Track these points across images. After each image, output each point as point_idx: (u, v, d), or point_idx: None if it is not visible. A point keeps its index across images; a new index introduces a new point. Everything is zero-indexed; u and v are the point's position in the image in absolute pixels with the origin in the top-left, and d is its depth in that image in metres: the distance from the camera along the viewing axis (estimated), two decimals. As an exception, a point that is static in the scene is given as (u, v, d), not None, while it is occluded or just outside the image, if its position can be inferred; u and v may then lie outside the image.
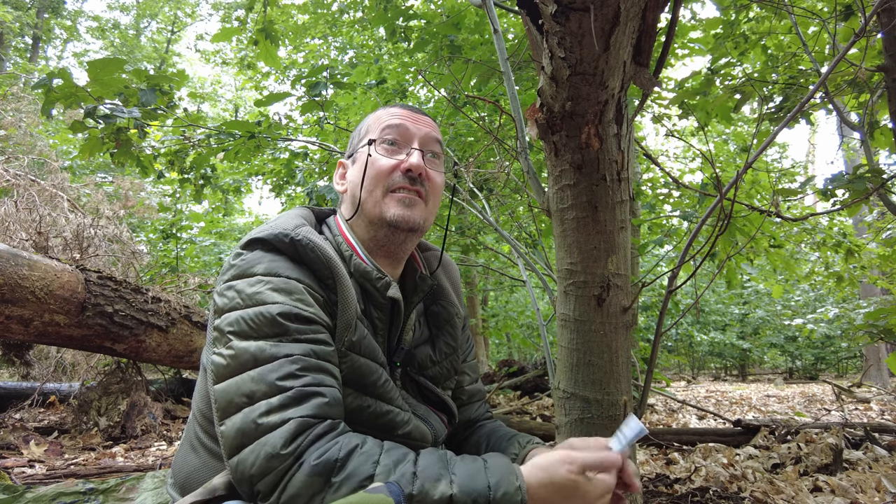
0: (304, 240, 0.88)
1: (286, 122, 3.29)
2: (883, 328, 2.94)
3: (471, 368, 1.19)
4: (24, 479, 2.27)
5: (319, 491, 0.72)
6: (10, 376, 5.08)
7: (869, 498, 2.14)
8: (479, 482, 0.73)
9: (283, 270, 0.86)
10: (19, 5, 15.13)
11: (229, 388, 0.79)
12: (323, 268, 0.89)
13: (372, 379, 0.89)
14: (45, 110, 2.42)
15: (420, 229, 0.98)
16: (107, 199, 4.72)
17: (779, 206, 2.40)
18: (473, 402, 1.19)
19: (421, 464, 0.75)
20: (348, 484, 0.71)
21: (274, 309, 0.81)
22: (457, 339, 1.10)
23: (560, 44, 1.14)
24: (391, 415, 0.91)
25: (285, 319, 0.81)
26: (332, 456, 0.73)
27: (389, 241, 0.99)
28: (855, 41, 1.50)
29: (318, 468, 0.72)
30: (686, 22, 4.62)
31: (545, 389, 5.11)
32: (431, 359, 1.04)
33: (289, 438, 0.73)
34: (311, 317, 0.84)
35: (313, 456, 0.73)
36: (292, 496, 0.72)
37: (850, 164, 9.07)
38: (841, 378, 12.63)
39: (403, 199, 0.97)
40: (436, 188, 1.02)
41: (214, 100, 19.66)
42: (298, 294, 0.84)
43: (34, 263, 2.95)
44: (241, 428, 0.75)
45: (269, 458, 0.73)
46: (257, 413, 0.75)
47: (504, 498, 0.72)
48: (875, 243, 5.57)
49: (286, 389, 0.76)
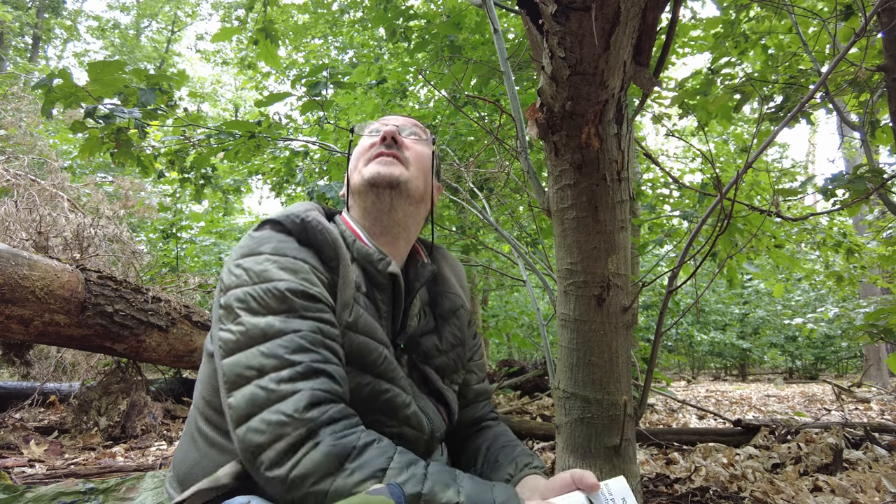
0: (314, 221, 0.92)
1: (286, 121, 3.29)
2: (883, 328, 2.94)
3: (478, 367, 1.19)
4: (24, 478, 2.27)
5: (332, 473, 0.72)
6: (10, 376, 5.08)
7: (869, 498, 2.14)
8: (486, 498, 0.74)
9: (290, 251, 0.88)
10: (19, 5, 15.13)
11: (238, 361, 0.80)
12: (329, 249, 0.91)
13: (371, 357, 0.90)
14: (45, 110, 2.42)
15: (400, 185, 1.00)
16: (107, 199, 4.72)
17: (779, 205, 2.40)
18: (479, 401, 1.19)
19: (432, 469, 0.76)
20: (361, 472, 0.72)
21: (281, 285, 0.83)
22: (463, 330, 1.11)
23: (560, 44, 1.14)
24: (390, 394, 0.91)
25: (293, 296, 0.83)
26: (351, 443, 0.74)
27: (378, 208, 1.00)
28: (855, 41, 1.50)
29: (336, 449, 0.73)
30: (686, 21, 4.62)
31: (545, 389, 5.11)
32: (438, 348, 1.04)
33: (301, 408, 0.74)
34: (316, 295, 0.86)
35: (331, 438, 0.74)
36: (305, 473, 0.72)
37: (850, 164, 9.07)
38: (841, 378, 12.63)
39: (380, 160, 1.01)
40: (416, 154, 1.05)
41: (214, 100, 19.66)
42: (304, 273, 0.86)
43: (34, 263, 2.95)
44: (251, 398, 0.76)
45: (280, 423, 0.73)
46: (268, 384, 0.76)
47: None
48: (875, 242, 5.57)
49: (296, 364, 0.77)
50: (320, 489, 0.72)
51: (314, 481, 0.72)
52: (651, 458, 2.89)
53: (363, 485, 0.71)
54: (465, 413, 1.17)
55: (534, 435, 3.29)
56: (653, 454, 2.99)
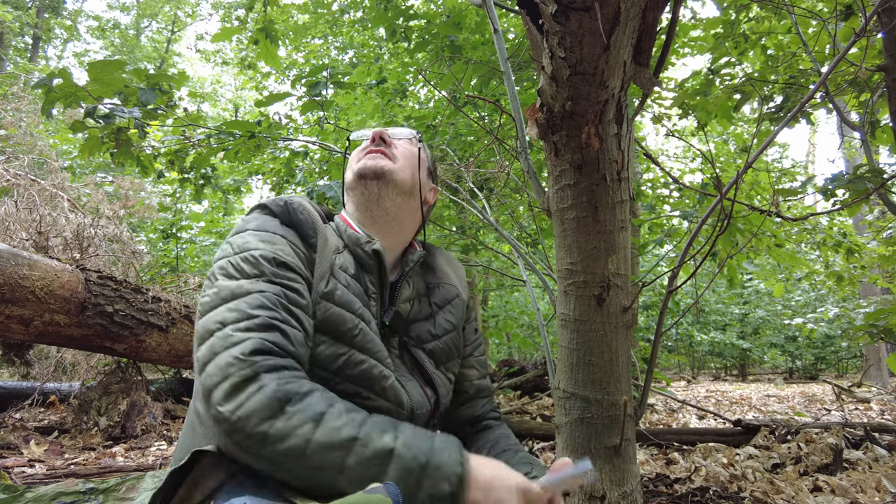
0: (296, 203, 1.01)
1: (286, 121, 3.29)
2: (883, 328, 2.94)
3: (479, 363, 1.21)
4: (24, 478, 2.27)
5: (273, 416, 0.74)
6: (10, 376, 5.08)
7: (869, 498, 2.14)
8: (424, 445, 0.76)
9: (271, 228, 0.96)
10: (19, 5, 15.13)
11: (208, 318, 0.85)
12: (308, 226, 0.99)
13: (346, 327, 0.94)
14: (45, 110, 2.42)
15: (386, 175, 1.07)
16: (107, 199, 4.72)
17: (779, 205, 2.40)
18: (480, 397, 1.20)
19: (374, 418, 0.79)
20: (300, 416, 0.74)
21: (256, 252, 0.91)
22: (458, 317, 1.14)
23: (560, 44, 1.14)
24: (366, 365, 0.94)
25: (265, 261, 0.90)
26: (295, 389, 0.77)
27: (366, 198, 1.08)
28: (855, 41, 1.50)
29: (278, 393, 0.76)
30: (686, 21, 4.62)
31: (545, 389, 5.11)
32: (431, 332, 1.09)
33: (247, 352, 0.78)
34: (288, 263, 0.92)
35: (275, 383, 0.77)
36: (248, 414, 0.75)
37: (850, 164, 9.07)
38: (841, 378, 12.63)
39: (369, 156, 1.10)
40: (403, 151, 1.13)
41: (214, 100, 19.65)
42: (280, 244, 0.94)
43: (34, 263, 2.95)
44: (210, 346, 0.82)
45: (228, 364, 0.78)
46: (226, 332, 0.82)
47: (445, 462, 0.74)
48: (875, 242, 5.57)
49: (254, 317, 0.83)
50: (260, 430, 0.74)
51: (256, 423, 0.74)
52: (651, 458, 2.89)
53: (302, 428, 0.73)
54: (466, 410, 1.17)
55: (534, 435, 3.29)
56: (653, 454, 2.99)
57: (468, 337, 1.18)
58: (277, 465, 0.74)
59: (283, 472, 0.74)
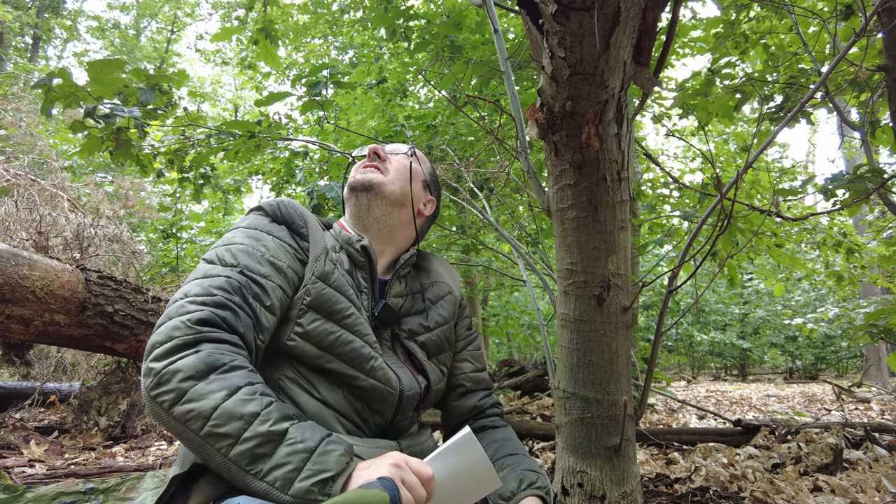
0: (287, 201, 1.08)
1: (286, 121, 3.29)
2: (883, 328, 2.94)
3: (473, 357, 1.24)
4: (24, 478, 2.27)
5: (197, 377, 0.78)
6: (10, 376, 5.08)
7: (869, 498, 2.14)
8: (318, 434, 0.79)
9: (262, 226, 1.03)
10: (19, 5, 15.13)
11: (177, 292, 0.91)
12: (298, 220, 1.06)
13: (338, 307, 0.99)
14: (45, 110, 2.42)
15: (375, 188, 1.15)
16: (107, 199, 4.72)
17: (779, 205, 2.40)
18: (478, 390, 1.23)
19: (283, 405, 0.81)
20: (219, 383, 0.78)
21: (236, 247, 0.97)
22: (450, 313, 1.19)
23: (560, 43, 1.14)
24: (355, 344, 0.99)
25: (242, 255, 0.95)
26: (226, 360, 0.81)
27: (358, 208, 1.16)
28: (855, 41, 1.50)
29: (210, 359, 0.80)
30: (686, 21, 4.62)
31: (545, 389, 5.10)
32: (423, 325, 1.13)
33: (195, 320, 0.83)
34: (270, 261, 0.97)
35: (210, 351, 0.81)
36: (177, 369, 0.78)
37: (850, 164, 9.06)
38: (841, 378, 12.63)
39: (362, 170, 1.19)
40: (396, 164, 1.20)
41: (214, 99, 19.64)
42: (265, 242, 0.99)
43: (34, 263, 2.95)
44: (168, 312, 0.86)
45: (175, 328, 0.82)
46: (183, 302, 0.86)
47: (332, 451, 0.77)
48: (875, 242, 5.56)
49: (212, 294, 0.88)
50: (182, 387, 0.77)
51: (181, 378, 0.78)
52: (651, 458, 2.89)
53: (217, 393, 0.76)
54: (465, 402, 1.20)
55: (534, 435, 3.29)
56: (653, 454, 2.99)
57: (461, 332, 1.23)
58: (183, 424, 0.76)
59: (185, 436, 0.77)
